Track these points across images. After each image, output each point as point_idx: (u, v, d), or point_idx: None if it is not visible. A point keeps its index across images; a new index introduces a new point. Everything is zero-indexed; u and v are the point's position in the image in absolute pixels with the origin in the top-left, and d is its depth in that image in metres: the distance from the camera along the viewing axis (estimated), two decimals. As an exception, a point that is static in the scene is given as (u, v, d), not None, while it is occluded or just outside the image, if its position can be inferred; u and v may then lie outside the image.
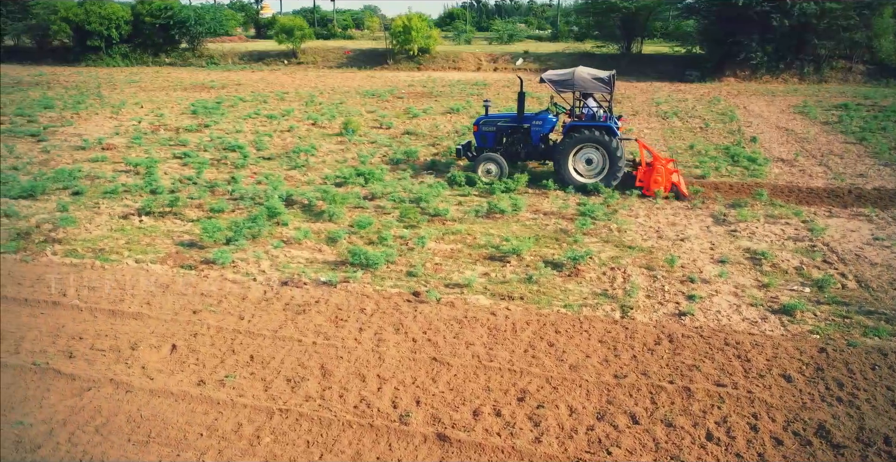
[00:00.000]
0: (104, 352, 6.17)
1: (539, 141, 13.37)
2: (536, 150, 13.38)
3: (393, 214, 10.87)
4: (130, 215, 10.63)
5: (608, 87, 12.23)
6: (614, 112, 13.99)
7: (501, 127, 13.48)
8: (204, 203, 11.25)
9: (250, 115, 21.63)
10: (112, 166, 14.43)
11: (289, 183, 12.96)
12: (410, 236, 9.62)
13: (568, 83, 12.33)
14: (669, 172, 12.21)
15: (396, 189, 12.18)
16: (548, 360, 6.07)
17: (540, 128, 13.30)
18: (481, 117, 13.82)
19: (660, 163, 12.19)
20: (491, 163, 13.00)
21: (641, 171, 12.35)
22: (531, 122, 13.31)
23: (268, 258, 8.74)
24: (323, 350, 6.22)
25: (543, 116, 13.42)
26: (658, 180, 12.05)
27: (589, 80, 12.26)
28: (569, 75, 12.37)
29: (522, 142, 13.37)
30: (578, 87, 12.30)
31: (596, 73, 12.48)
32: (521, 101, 13.26)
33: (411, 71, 40.31)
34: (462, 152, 13.60)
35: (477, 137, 13.72)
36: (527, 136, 13.34)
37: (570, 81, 12.29)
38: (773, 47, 33.41)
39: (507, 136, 13.53)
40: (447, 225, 10.27)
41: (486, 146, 13.56)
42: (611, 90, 12.27)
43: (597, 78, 12.31)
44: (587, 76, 12.30)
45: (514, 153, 13.45)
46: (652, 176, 12.11)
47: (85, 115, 21.60)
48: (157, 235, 9.75)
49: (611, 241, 9.61)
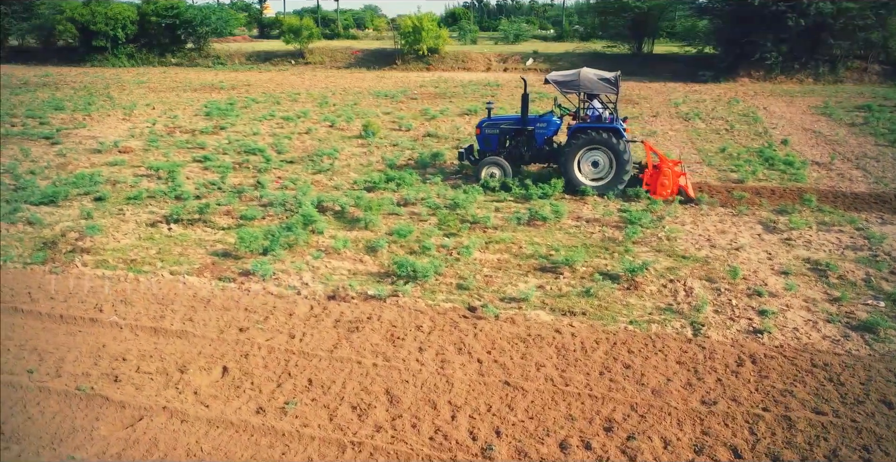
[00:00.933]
0: (151, 375, 5.77)
1: (543, 143, 12.98)
2: (541, 152, 12.96)
3: (430, 221, 10.47)
4: (158, 223, 10.22)
5: (614, 88, 11.87)
6: (620, 114, 13.65)
7: (505, 129, 13.07)
8: (233, 210, 10.85)
9: (265, 117, 21.22)
10: (132, 170, 14.03)
11: (316, 188, 12.56)
12: (454, 245, 9.22)
13: (573, 84, 11.99)
14: (676, 175, 11.88)
15: (430, 194, 11.77)
16: (627, 384, 5.67)
17: (544, 130, 12.92)
18: (484, 120, 13.40)
19: (666, 165, 11.86)
20: (494, 166, 12.60)
21: (648, 173, 11.99)
22: (535, 125, 12.92)
23: (309, 269, 8.34)
24: (385, 373, 5.82)
25: (548, 118, 13.04)
26: (665, 183, 11.71)
27: (595, 80, 11.91)
28: (574, 76, 12.03)
29: (526, 144, 12.95)
30: (584, 87, 11.95)
31: (602, 74, 12.11)
32: (525, 102, 12.87)
33: (421, 71, 39.91)
34: (465, 156, 13.18)
35: (480, 141, 13.30)
36: (531, 138, 12.93)
37: (575, 82, 11.95)
38: (788, 47, 33.04)
39: (510, 139, 13.13)
40: (489, 233, 9.86)
41: (490, 149, 13.14)
42: (616, 91, 11.92)
43: (603, 79, 11.94)
44: (593, 77, 11.95)
45: (517, 156, 13.03)
46: (659, 179, 11.77)
47: (97, 117, 21.20)
48: (189, 244, 9.34)
49: (662, 250, 9.20)
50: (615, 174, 11.91)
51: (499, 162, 12.62)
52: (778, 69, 33.34)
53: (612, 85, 11.87)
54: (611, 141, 11.74)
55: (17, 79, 33.16)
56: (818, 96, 27.94)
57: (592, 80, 11.90)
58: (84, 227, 9.75)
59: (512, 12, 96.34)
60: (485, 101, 25.17)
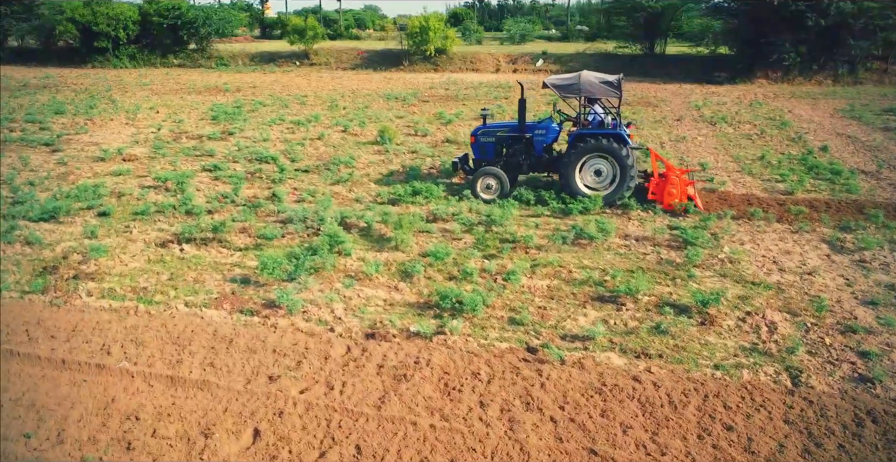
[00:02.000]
0: (170, 441, 4.89)
1: (543, 151, 12.16)
2: (540, 161, 12.11)
3: (465, 240, 9.59)
4: (169, 243, 9.33)
5: (617, 92, 11.09)
6: (630, 118, 12.80)
7: (501, 137, 12.22)
8: (250, 227, 9.96)
9: (274, 121, 20.34)
10: (138, 181, 13.14)
11: (336, 200, 11.68)
12: (496, 269, 8.34)
13: (573, 88, 11.20)
14: (685, 184, 11.11)
15: (461, 208, 10.89)
16: (735, 453, 4.79)
17: (543, 137, 12.08)
18: (479, 127, 12.52)
19: (673, 173, 11.09)
20: (490, 177, 11.76)
21: (654, 182, 11.24)
22: (533, 132, 12.07)
23: (340, 300, 7.45)
24: (446, 437, 4.94)
25: (546, 125, 12.20)
26: (672, 193, 10.98)
27: (597, 84, 11.12)
28: (574, 79, 11.24)
29: (525, 153, 12.10)
30: (585, 91, 11.17)
31: (603, 77, 11.31)
32: (522, 108, 11.99)
33: (428, 73, 39.03)
34: (458, 166, 12.34)
35: (475, 149, 12.42)
36: (529, 146, 12.09)
37: (575, 86, 11.15)
38: (807, 48, 32.21)
39: (507, 148, 12.29)
40: (532, 254, 8.98)
41: (486, 158, 12.30)
42: (619, 95, 11.14)
43: (605, 82, 11.15)
44: (594, 80, 11.16)
45: (515, 165, 12.18)
46: (666, 188, 11.02)
47: (99, 122, 20.31)
48: (204, 268, 8.45)
49: (728, 275, 8.32)
50: (619, 183, 11.16)
51: (495, 172, 11.75)
52: (796, 70, 32.52)
53: (615, 88, 11.08)
54: (614, 148, 10.97)
55: (17, 80, 32.27)
56: (840, 99, 27.06)
57: (594, 84, 11.11)
58: (88, 247, 8.86)
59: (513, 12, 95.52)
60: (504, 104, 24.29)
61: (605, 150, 11.06)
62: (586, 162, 11.27)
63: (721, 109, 23.83)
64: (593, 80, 11.15)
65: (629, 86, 31.53)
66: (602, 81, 11.15)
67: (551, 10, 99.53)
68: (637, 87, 31.12)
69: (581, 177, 11.37)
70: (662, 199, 11.08)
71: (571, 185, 11.33)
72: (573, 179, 11.31)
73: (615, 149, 10.99)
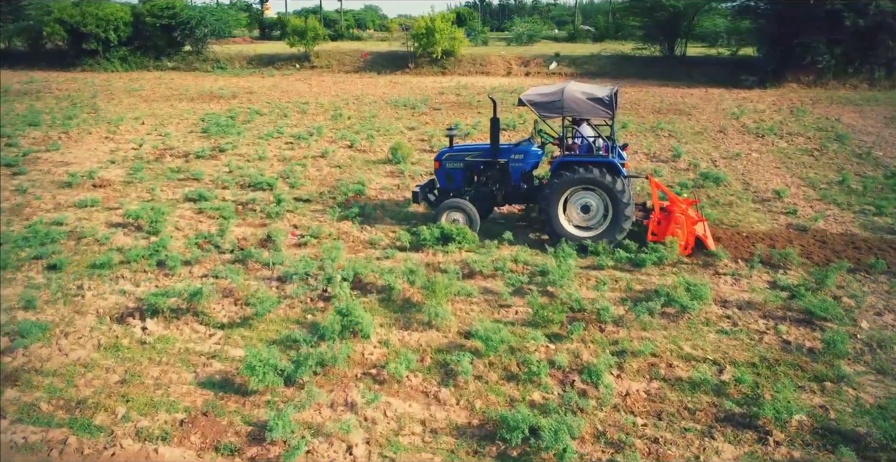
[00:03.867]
0: None
1: (520, 180, 10.05)
2: (517, 191, 10.07)
3: (517, 308, 7.34)
4: (129, 317, 7.09)
5: (608, 112, 8.90)
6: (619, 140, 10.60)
7: (471, 163, 10.14)
8: (236, 290, 7.72)
9: (271, 135, 18.11)
10: (106, 215, 10.91)
11: (345, 243, 9.45)
12: (570, 363, 6.10)
13: (555, 106, 9.00)
14: (692, 221, 8.97)
15: (502, 258, 8.65)
16: None
17: (521, 163, 9.98)
18: (445, 150, 10.44)
19: (678, 208, 8.94)
20: (456, 211, 9.71)
21: (654, 219, 9.10)
22: (509, 157, 9.99)
23: (360, 426, 5.21)
24: None
25: (525, 149, 10.04)
26: (677, 233, 8.84)
27: (583, 101, 8.92)
28: (557, 95, 9.01)
29: (499, 181, 10.07)
30: (569, 111, 9.00)
31: (592, 92, 9.09)
32: (496, 128, 9.83)
33: (436, 76, 36.82)
34: (421, 195, 10.22)
35: (440, 176, 10.39)
36: (504, 173, 10.02)
37: (557, 103, 8.96)
38: (842, 50, 30.06)
39: (478, 175, 10.21)
40: (610, 333, 6.74)
41: (453, 187, 10.26)
42: (612, 115, 8.95)
43: (593, 98, 8.92)
44: (580, 96, 8.95)
45: (488, 196, 10.13)
46: (669, 227, 8.92)
47: (75, 135, 18.08)
48: (172, 362, 6.21)
49: (886, 371, 6.08)
50: (612, 222, 9.07)
51: (462, 205, 9.69)
52: (830, 73, 30.36)
53: (606, 107, 8.87)
54: (604, 179, 8.84)
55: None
56: (885, 105, 24.90)
57: (579, 102, 8.92)
58: (19, 327, 6.63)
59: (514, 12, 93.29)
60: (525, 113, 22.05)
61: (593, 182, 8.95)
62: (571, 196, 9.19)
63: (762, 118, 21.62)
64: (579, 97, 8.94)
65: (652, 90, 29.36)
66: (590, 98, 8.93)
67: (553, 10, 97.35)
68: (661, 91, 28.96)
69: (566, 213, 9.26)
70: (664, 241, 8.97)
71: (554, 224, 9.21)
72: (556, 217, 9.19)
73: (606, 181, 8.86)
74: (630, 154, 15.98)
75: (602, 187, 8.96)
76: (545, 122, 9.67)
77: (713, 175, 12.96)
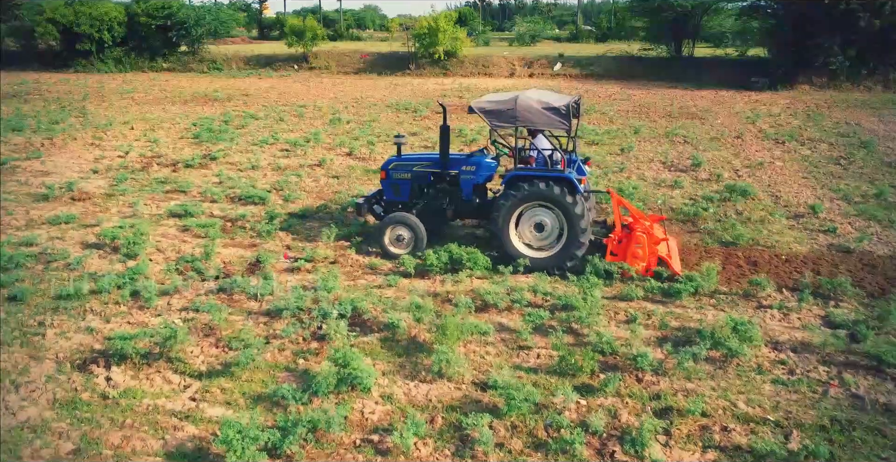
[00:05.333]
0: None
1: (472, 194, 9.25)
2: (469, 206, 9.30)
3: (539, 351, 6.40)
4: (93, 363, 6.14)
5: (565, 123, 8.13)
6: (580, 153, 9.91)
7: (419, 174, 9.38)
8: (218, 328, 6.77)
9: (266, 141, 17.16)
10: (81, 234, 9.96)
11: (343, 269, 8.52)
12: (607, 426, 5.16)
13: (508, 115, 8.28)
14: (655, 241, 8.15)
15: (518, 287, 7.71)
16: None
17: (473, 176, 9.19)
18: (392, 159, 9.66)
19: (641, 226, 8.15)
20: (402, 227, 8.93)
21: (615, 238, 8.31)
22: (460, 168, 9.19)
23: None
24: None
25: (478, 160, 9.24)
26: (638, 253, 8.07)
27: (538, 111, 8.15)
28: (510, 104, 8.23)
29: (449, 195, 9.29)
30: (523, 121, 8.26)
31: (549, 101, 8.26)
32: (445, 137, 9.06)
33: (438, 77, 35.88)
34: (365, 208, 9.49)
35: (386, 187, 9.64)
36: (455, 186, 9.26)
37: (510, 113, 8.23)
38: (856, 51, 29.22)
39: (427, 187, 9.41)
40: (650, 384, 5.80)
41: (400, 199, 9.50)
42: (569, 127, 8.19)
43: (549, 108, 8.13)
44: (535, 105, 8.16)
45: (437, 211, 9.33)
46: (630, 246, 8.11)
47: (59, 142, 17.12)
48: (137, 424, 5.26)
49: (982, 436, 5.14)
50: (566, 243, 8.29)
51: (407, 220, 8.90)
52: (843, 75, 29.48)
53: (563, 118, 8.10)
54: (558, 196, 8.09)
55: (-15, 88, 29.11)
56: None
57: (534, 111, 8.15)
58: (-36, 376, 5.70)
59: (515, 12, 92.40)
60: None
61: (545, 199, 8.19)
62: (525, 213, 8.41)
63: (779, 123, 20.71)
64: (534, 106, 8.15)
65: (661, 92, 28.44)
66: (546, 107, 8.14)
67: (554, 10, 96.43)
68: (670, 94, 28.06)
69: (518, 232, 8.48)
70: (625, 261, 8.17)
71: (505, 243, 8.42)
72: (507, 236, 8.40)
73: (559, 197, 8.09)
74: (646, 162, 15.08)
75: (556, 204, 8.21)
76: (497, 132, 8.91)
77: (740, 188, 12.02)
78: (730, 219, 10.67)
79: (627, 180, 13.08)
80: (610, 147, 16.65)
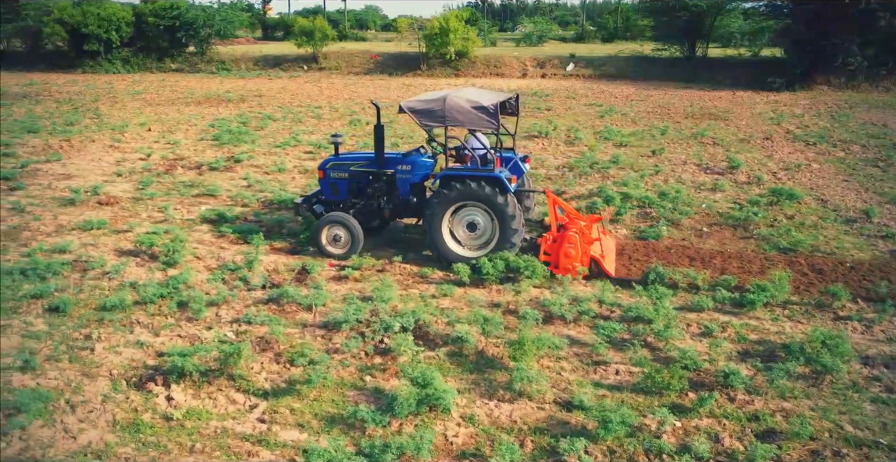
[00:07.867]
0: None
1: (409, 193, 9.21)
2: (407, 205, 9.32)
3: (616, 366, 6.06)
4: (150, 381, 5.79)
5: (493, 122, 7.99)
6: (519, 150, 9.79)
7: (356, 173, 9.33)
8: (275, 342, 6.43)
9: (288, 143, 16.83)
10: (114, 240, 9.61)
11: (392, 277, 8.17)
12: (712, 452, 4.82)
13: (436, 115, 8.22)
14: (588, 241, 8.01)
15: (583, 297, 7.36)
16: None
17: (409, 175, 9.18)
18: (329, 158, 9.64)
19: (575, 226, 8.00)
20: (338, 226, 8.86)
21: (548, 239, 8.16)
22: (396, 168, 9.14)
23: None
24: None
25: (414, 159, 9.21)
26: (570, 254, 7.91)
27: (466, 110, 8.02)
28: (438, 103, 8.19)
29: (386, 194, 9.25)
30: (451, 121, 8.17)
31: (478, 100, 8.10)
32: (380, 136, 9.00)
33: (449, 78, 35.55)
34: (304, 208, 9.42)
35: (324, 187, 9.61)
36: (391, 186, 9.20)
37: (438, 112, 8.18)
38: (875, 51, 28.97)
39: (365, 186, 9.31)
40: (742, 402, 5.45)
41: (338, 199, 9.45)
42: (497, 126, 8.06)
43: (477, 107, 7.98)
44: (464, 105, 8.04)
45: (374, 211, 9.28)
46: (562, 247, 7.95)
47: (77, 144, 16.78)
48: (207, 448, 4.92)
49: None
50: (499, 241, 8.33)
51: (344, 220, 8.83)
52: (862, 76, 29.21)
53: (490, 117, 7.97)
54: (489, 195, 8.03)
55: (-6, 89, 28.75)
56: (928, 109, 23.76)
57: (463, 110, 8.06)
58: (17, 394, 5.35)
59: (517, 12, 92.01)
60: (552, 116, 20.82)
61: (478, 199, 8.12)
62: (457, 212, 8.33)
63: (805, 124, 20.39)
64: (462, 105, 8.04)
65: (678, 93, 28.11)
66: (474, 106, 7.99)
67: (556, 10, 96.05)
68: (687, 94, 27.75)
69: (451, 231, 8.43)
70: (558, 262, 8.02)
71: (437, 243, 8.38)
72: (439, 235, 8.34)
73: (491, 197, 7.98)
74: (680, 164, 14.75)
75: (488, 204, 8.15)
76: (428, 131, 8.87)
77: (786, 191, 11.69)
78: (782, 224, 10.34)
79: (666, 184, 12.76)
80: (639, 149, 16.32)
